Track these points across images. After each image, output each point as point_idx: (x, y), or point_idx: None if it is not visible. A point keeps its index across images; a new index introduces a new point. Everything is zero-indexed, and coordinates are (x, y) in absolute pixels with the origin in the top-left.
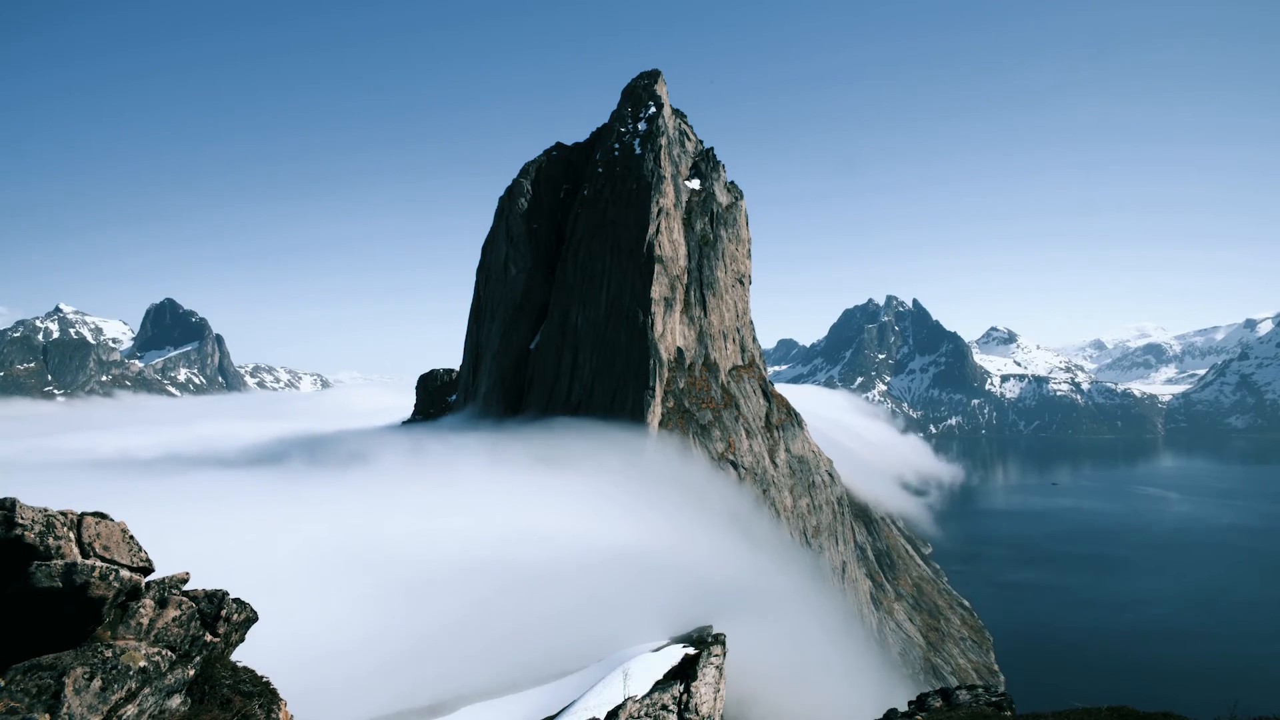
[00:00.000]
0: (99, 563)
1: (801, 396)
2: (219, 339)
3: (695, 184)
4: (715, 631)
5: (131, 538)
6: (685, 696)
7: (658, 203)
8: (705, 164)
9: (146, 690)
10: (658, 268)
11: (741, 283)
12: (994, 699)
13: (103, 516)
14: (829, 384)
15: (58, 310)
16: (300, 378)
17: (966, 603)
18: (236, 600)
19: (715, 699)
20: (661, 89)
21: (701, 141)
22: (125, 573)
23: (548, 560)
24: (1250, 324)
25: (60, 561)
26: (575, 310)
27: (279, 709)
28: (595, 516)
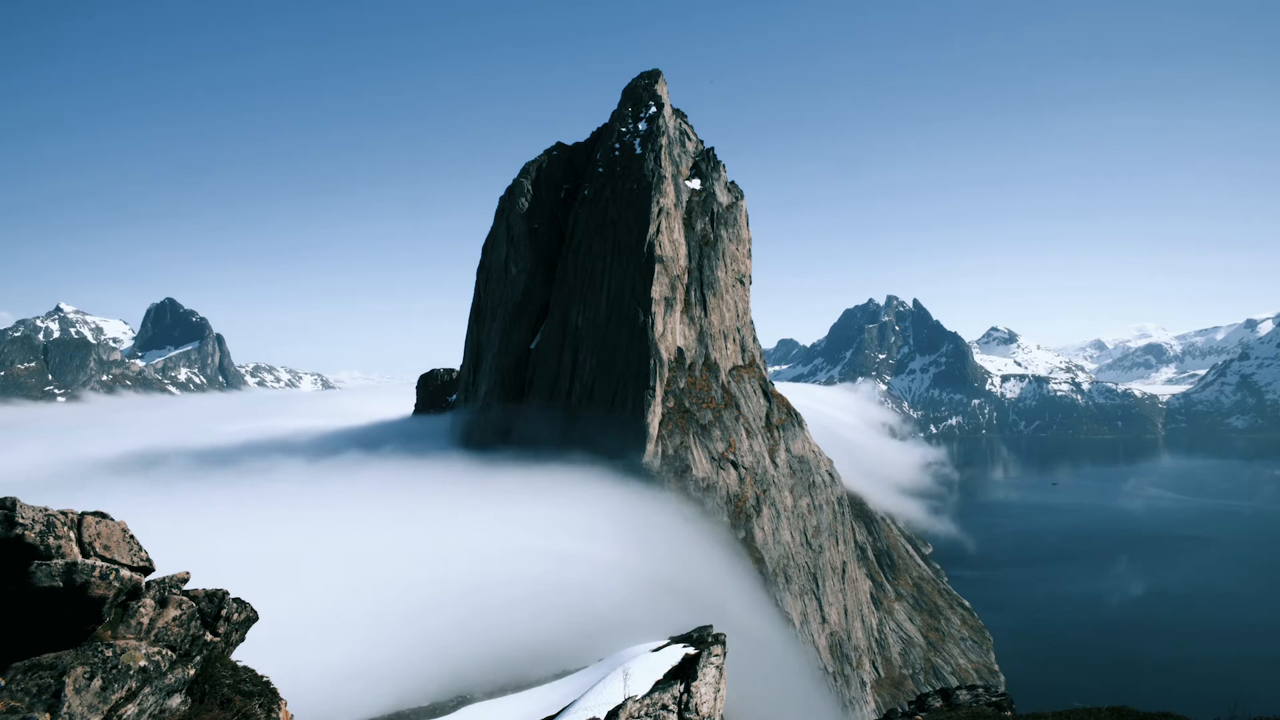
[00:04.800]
0: (99, 562)
1: (802, 395)
2: (219, 339)
3: (696, 184)
4: (715, 632)
5: (132, 537)
6: (685, 696)
7: (658, 202)
8: (706, 164)
9: (147, 690)
10: (658, 267)
11: (742, 282)
12: (994, 699)
13: (103, 516)
14: (830, 384)
15: (58, 310)
16: (301, 377)
17: (966, 603)
18: (237, 600)
19: (715, 699)
20: (662, 89)
21: (702, 141)
22: (125, 572)
23: (546, 565)
24: (1251, 324)
25: (61, 561)
26: (575, 310)
27: (279, 709)
28: (592, 530)
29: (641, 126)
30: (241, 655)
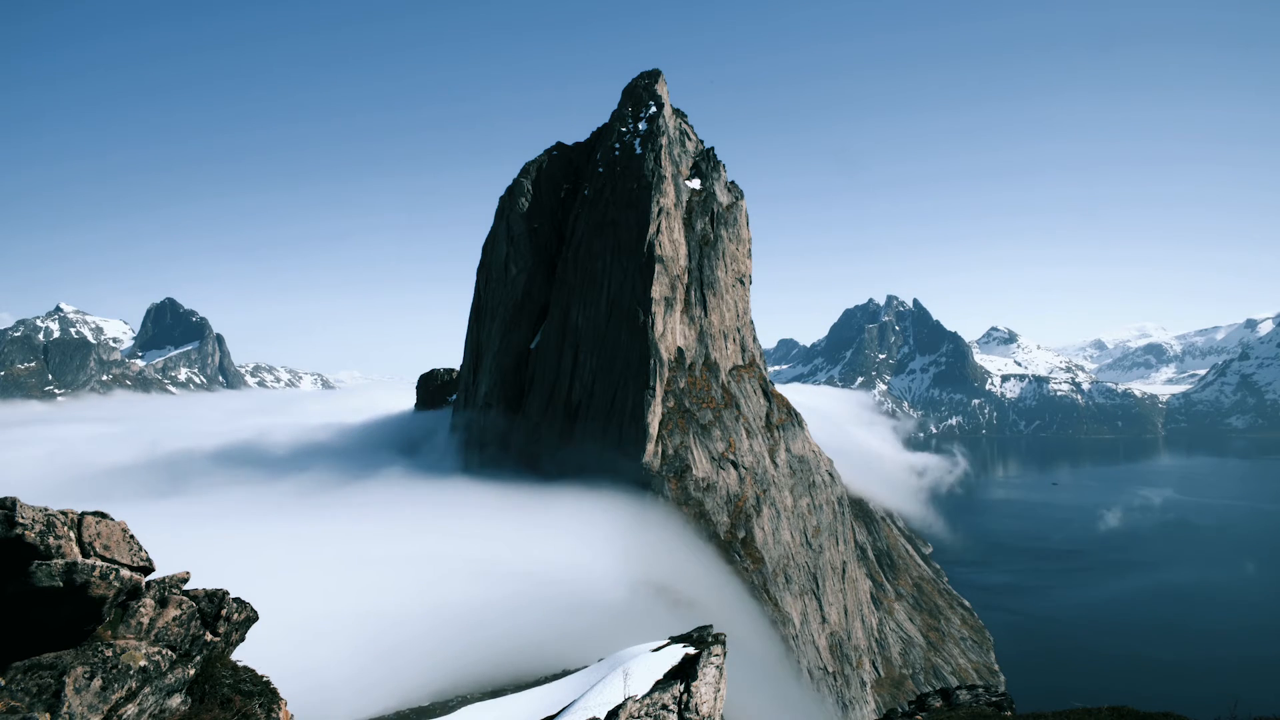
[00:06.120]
0: (99, 562)
1: (802, 395)
2: (219, 338)
3: (696, 184)
4: (715, 631)
5: (132, 537)
6: (685, 696)
7: (658, 202)
8: (705, 164)
9: (147, 689)
10: (658, 267)
11: (742, 282)
12: (994, 699)
13: (103, 516)
14: (829, 384)
15: (58, 310)
16: (301, 377)
17: (966, 603)
18: (237, 600)
19: (715, 699)
20: (662, 89)
21: (702, 141)
22: (125, 572)
23: (546, 565)
24: (1251, 324)
25: (61, 561)
26: (576, 310)
27: (279, 708)
28: (591, 531)
29: (641, 126)
30: (241, 655)
